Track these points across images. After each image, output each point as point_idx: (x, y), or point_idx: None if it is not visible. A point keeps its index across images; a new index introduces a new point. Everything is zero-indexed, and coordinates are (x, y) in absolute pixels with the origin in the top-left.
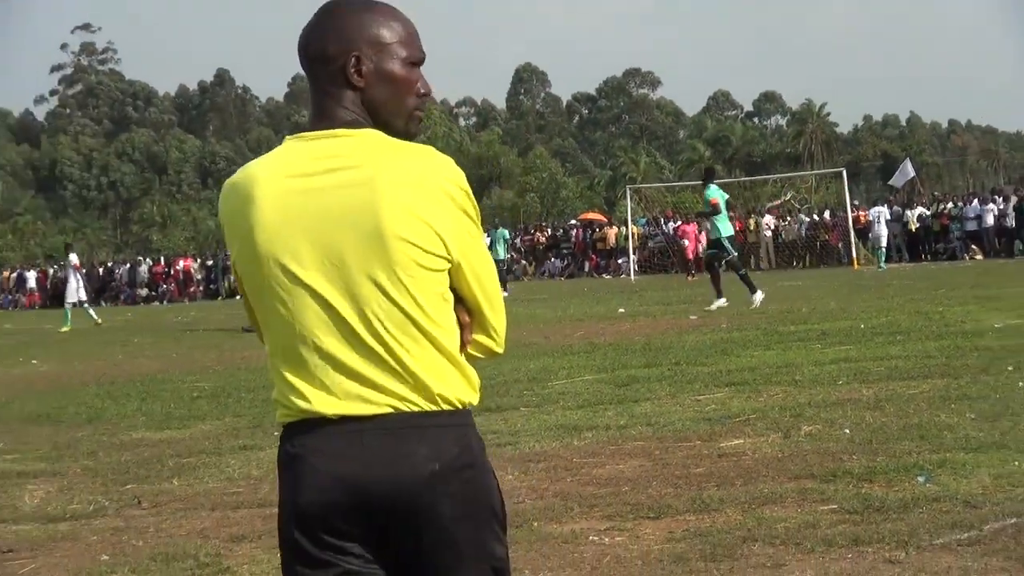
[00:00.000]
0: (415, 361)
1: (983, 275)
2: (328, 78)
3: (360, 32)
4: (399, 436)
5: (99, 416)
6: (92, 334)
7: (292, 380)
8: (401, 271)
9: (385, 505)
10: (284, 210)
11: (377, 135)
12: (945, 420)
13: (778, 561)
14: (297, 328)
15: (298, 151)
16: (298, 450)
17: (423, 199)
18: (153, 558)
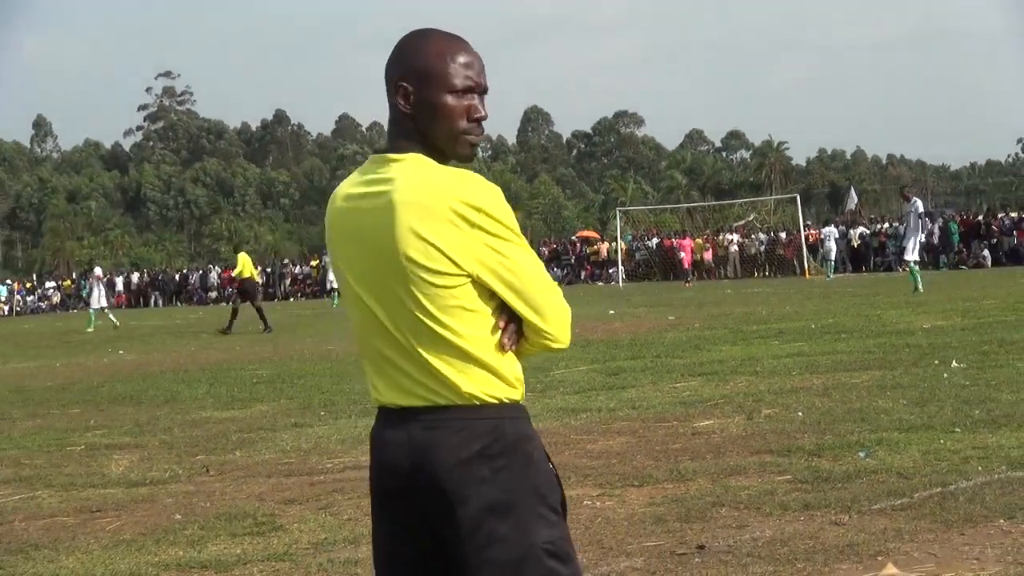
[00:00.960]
0: (442, 364)
1: None
2: (392, 104)
3: (410, 62)
4: (436, 428)
5: (174, 398)
6: (169, 330)
7: (368, 371)
8: (413, 287)
9: (427, 491)
10: (340, 226)
11: (418, 159)
12: (882, 405)
13: (742, 522)
14: (360, 327)
15: (362, 171)
16: (373, 435)
17: (426, 220)
18: (218, 517)
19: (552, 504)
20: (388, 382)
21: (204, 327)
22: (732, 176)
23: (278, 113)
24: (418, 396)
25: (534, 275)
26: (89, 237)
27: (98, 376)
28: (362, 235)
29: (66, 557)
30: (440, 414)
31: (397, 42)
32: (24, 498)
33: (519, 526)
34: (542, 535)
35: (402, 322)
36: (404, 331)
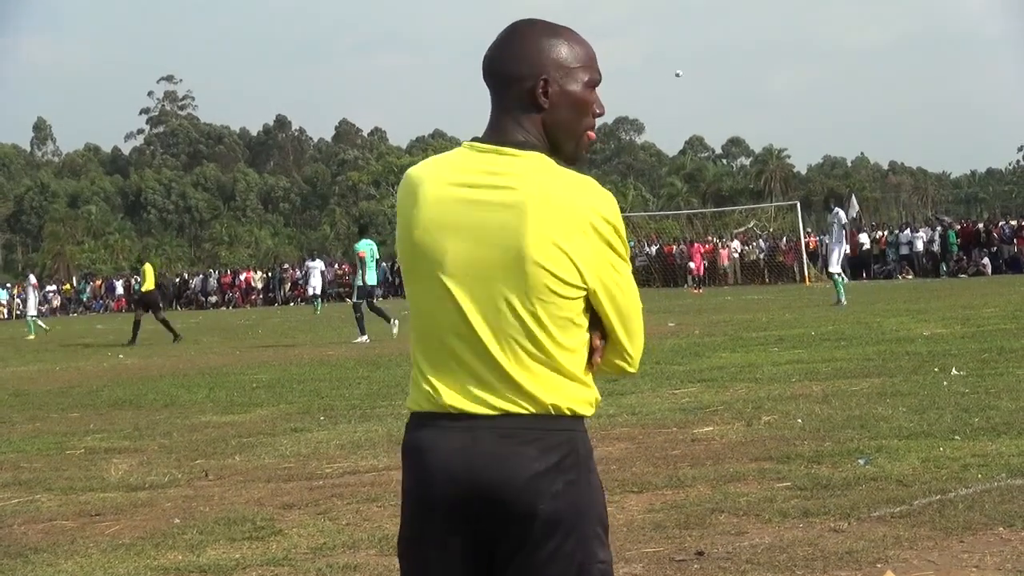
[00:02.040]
0: (531, 375)
1: (914, 292)
2: (513, 97)
3: (549, 55)
4: (508, 437)
5: (174, 402)
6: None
7: (425, 369)
8: (534, 295)
9: (490, 502)
10: (441, 213)
11: (542, 159)
12: (881, 412)
13: (741, 529)
14: (433, 324)
15: (467, 160)
16: (416, 441)
17: (565, 228)
18: (217, 522)
19: (606, 525)
20: (455, 385)
21: (204, 332)
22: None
23: (279, 118)
24: (488, 404)
25: (636, 298)
26: (89, 241)
27: (98, 380)
28: (478, 229)
29: (65, 561)
30: (515, 422)
31: (512, 32)
32: (23, 502)
33: (581, 544)
34: (599, 555)
35: (500, 325)
36: (498, 335)
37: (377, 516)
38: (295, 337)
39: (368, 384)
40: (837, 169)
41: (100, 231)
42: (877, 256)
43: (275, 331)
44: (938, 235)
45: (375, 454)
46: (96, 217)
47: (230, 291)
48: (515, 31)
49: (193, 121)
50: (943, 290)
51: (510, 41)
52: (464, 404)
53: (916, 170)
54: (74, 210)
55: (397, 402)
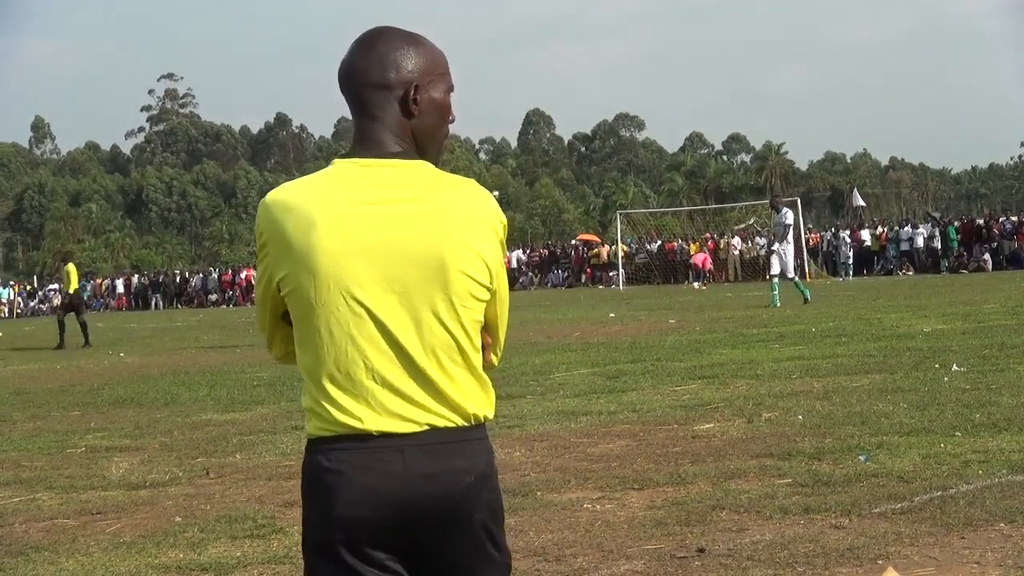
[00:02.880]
0: (455, 384)
1: (914, 288)
2: (383, 106)
3: (416, 63)
4: (437, 452)
5: (175, 400)
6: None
7: (336, 396)
8: (458, 301)
9: (427, 518)
10: (348, 235)
11: (427, 167)
12: (882, 409)
13: (742, 526)
14: (349, 347)
15: (356, 177)
16: (338, 465)
17: (478, 233)
18: (218, 520)
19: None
20: (375, 407)
21: (205, 330)
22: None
23: (280, 116)
24: (413, 421)
25: (507, 296)
26: (89, 240)
27: (98, 379)
28: (392, 245)
29: (66, 559)
30: (440, 436)
31: (374, 40)
32: (24, 500)
33: (501, 545)
34: (507, 549)
35: (427, 338)
36: (425, 348)
37: None
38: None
39: None
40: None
41: (101, 229)
42: (877, 252)
43: None
44: (938, 231)
45: None
46: (97, 215)
47: (231, 289)
48: (378, 39)
49: (193, 119)
50: (944, 286)
51: (375, 50)
52: (389, 425)
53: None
54: (75, 208)
55: None
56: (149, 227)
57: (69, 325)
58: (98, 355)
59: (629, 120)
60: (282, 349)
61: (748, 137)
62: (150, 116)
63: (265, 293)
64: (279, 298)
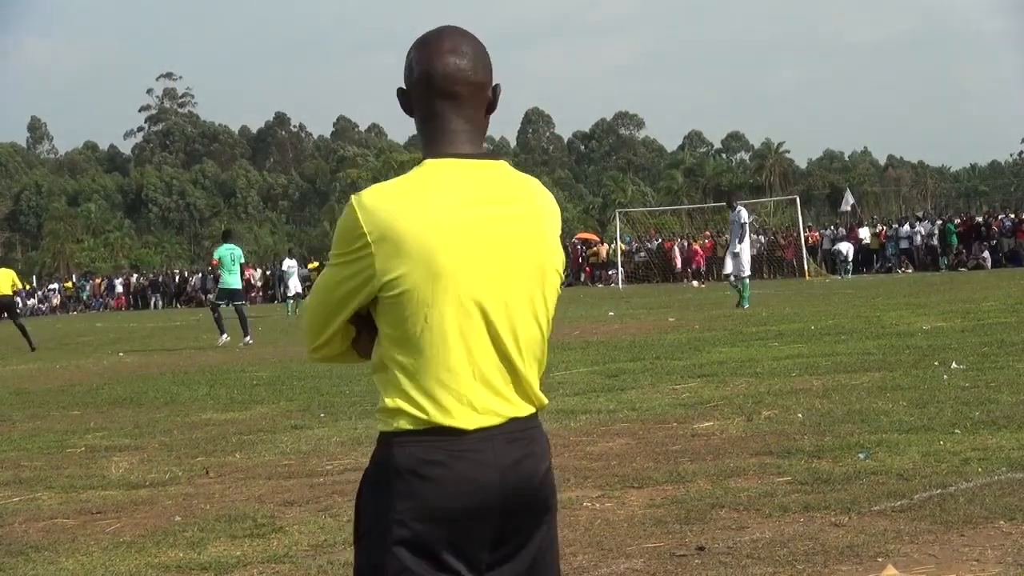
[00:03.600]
0: (532, 376)
1: (913, 286)
2: (476, 104)
3: (489, 63)
4: (518, 441)
5: (174, 400)
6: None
7: (439, 396)
8: (549, 298)
9: (515, 505)
10: (466, 235)
11: (507, 166)
12: (882, 406)
13: (741, 524)
14: (459, 347)
15: (459, 177)
16: (434, 455)
17: (556, 231)
18: (218, 519)
19: None
20: (476, 407)
21: (204, 329)
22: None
23: (278, 115)
24: (498, 413)
25: None
26: (88, 239)
27: (98, 378)
28: (502, 244)
29: (66, 559)
30: (518, 425)
31: (461, 36)
32: (24, 500)
33: (555, 526)
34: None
35: (522, 335)
36: (520, 345)
37: None
38: (295, 334)
39: (368, 381)
40: (836, 163)
41: (100, 229)
42: (876, 250)
43: (275, 328)
44: (937, 229)
45: None
46: (96, 215)
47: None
48: (466, 37)
49: (192, 119)
50: (943, 284)
51: (470, 48)
52: (482, 420)
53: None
54: (74, 208)
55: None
56: (148, 227)
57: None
58: (97, 354)
59: (628, 119)
60: (338, 348)
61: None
62: (149, 116)
63: (355, 293)
64: (369, 298)
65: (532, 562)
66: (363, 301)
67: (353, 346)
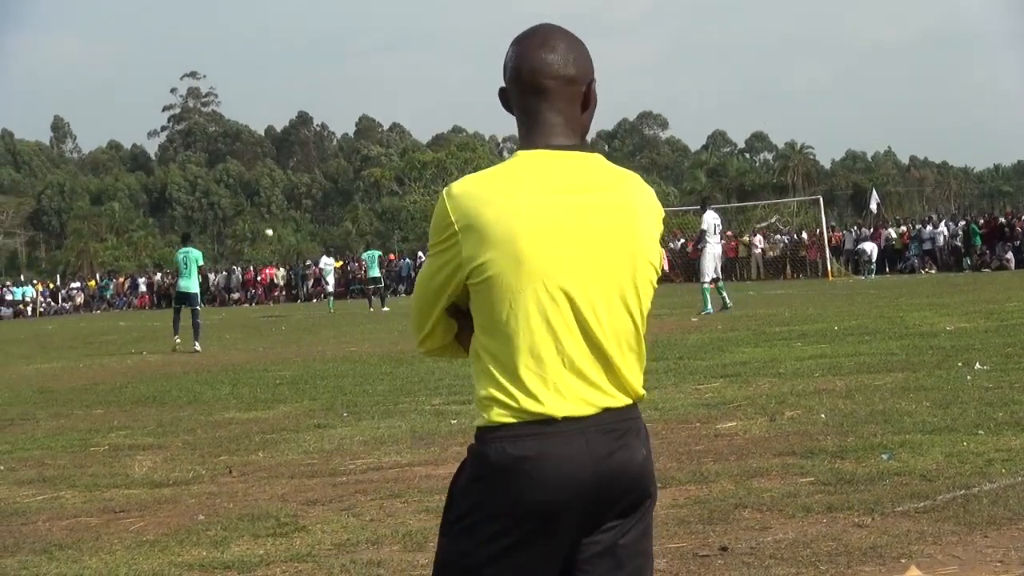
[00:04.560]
0: (628, 367)
1: (937, 286)
2: (568, 99)
3: (589, 59)
4: (613, 432)
5: (197, 399)
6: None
7: (529, 382)
8: (641, 289)
9: (610, 497)
10: (549, 223)
11: (602, 159)
12: (905, 407)
13: (764, 524)
14: (546, 333)
15: (548, 167)
16: (526, 450)
17: (655, 225)
18: (241, 518)
19: None
20: (564, 393)
21: (227, 328)
22: (755, 178)
23: (301, 114)
24: (592, 403)
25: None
26: (112, 238)
27: (121, 377)
28: (593, 232)
29: (89, 557)
30: (614, 416)
31: (559, 32)
32: (48, 498)
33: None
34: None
35: (613, 324)
36: (610, 334)
37: (401, 512)
38: (318, 333)
39: (391, 380)
40: (859, 163)
41: (123, 228)
42: (900, 251)
43: (298, 327)
44: (960, 230)
45: (398, 450)
46: (119, 214)
47: (252, 287)
48: (559, 36)
49: (216, 117)
50: (966, 284)
51: (562, 43)
52: (573, 409)
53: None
54: (97, 207)
55: (420, 398)
56: (172, 226)
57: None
58: (121, 353)
59: (652, 119)
60: (441, 340)
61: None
62: (172, 115)
63: (447, 281)
64: (461, 287)
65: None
66: (455, 290)
67: (458, 340)
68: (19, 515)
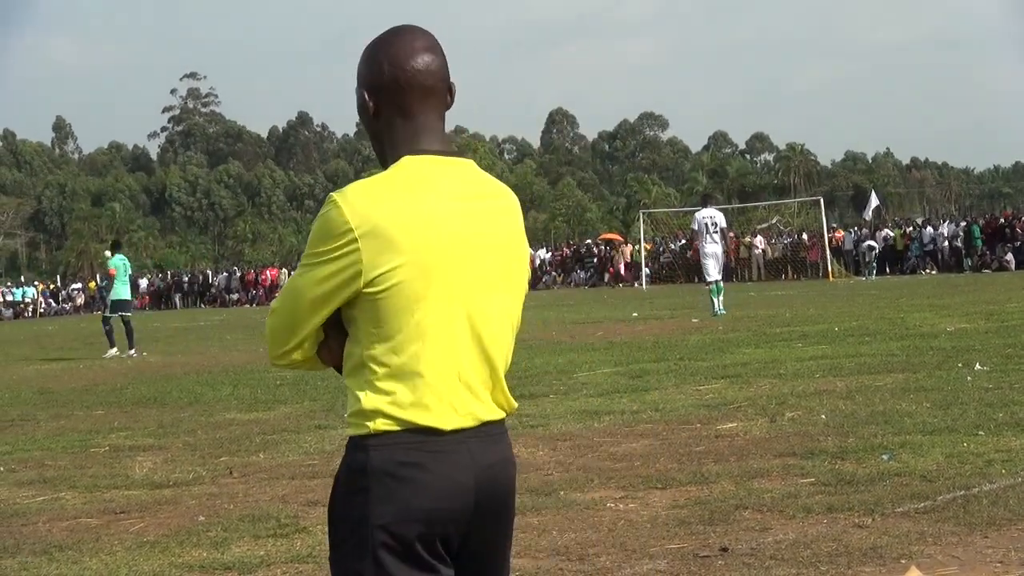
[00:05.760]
0: (504, 379)
1: (937, 287)
2: (444, 102)
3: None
4: (492, 442)
5: (198, 400)
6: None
7: (418, 393)
8: (520, 296)
9: (487, 506)
10: (453, 231)
11: (476, 165)
12: (905, 408)
13: (765, 525)
14: (445, 345)
15: (438, 174)
16: (414, 457)
17: (524, 233)
18: (242, 519)
19: None
20: (456, 407)
21: (228, 329)
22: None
23: (301, 115)
24: (474, 416)
25: None
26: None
27: (122, 378)
28: (486, 242)
29: (89, 558)
30: (492, 429)
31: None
32: (48, 499)
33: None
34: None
35: (499, 336)
36: (497, 347)
37: None
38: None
39: None
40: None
41: (124, 229)
42: (900, 252)
43: None
44: (961, 230)
45: None
46: (120, 215)
47: (253, 288)
48: (428, 38)
49: (216, 118)
50: (967, 285)
51: (434, 47)
52: (460, 422)
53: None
54: (98, 208)
55: None
56: (172, 226)
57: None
58: (121, 354)
59: (653, 119)
60: (308, 353)
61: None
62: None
63: (337, 290)
64: (348, 296)
65: (491, 562)
66: (345, 299)
67: (317, 352)
68: (19, 516)
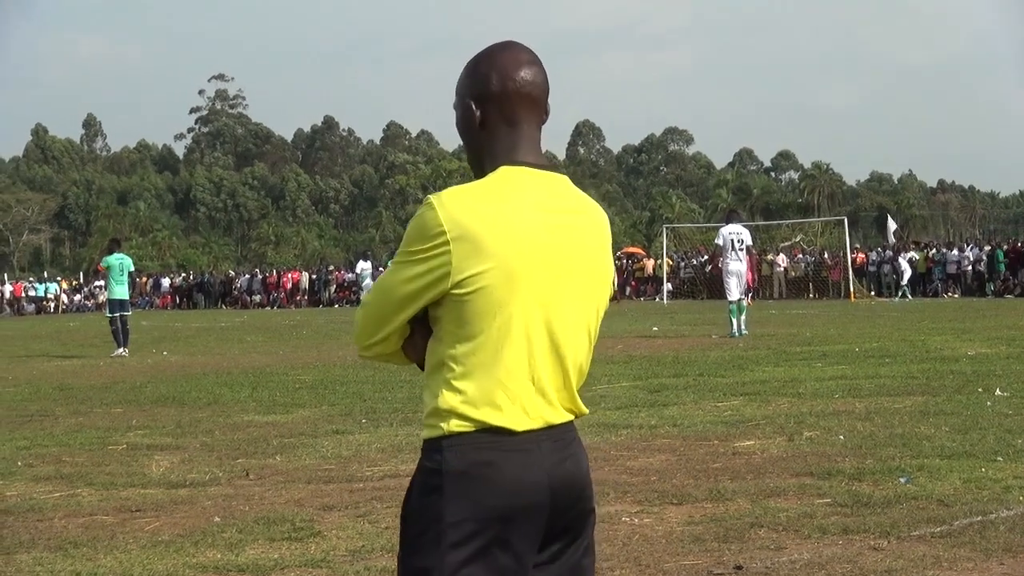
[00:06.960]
0: (576, 382)
1: (959, 311)
2: (540, 117)
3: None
4: (565, 442)
5: (217, 401)
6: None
7: (494, 394)
8: (601, 311)
9: (563, 504)
10: (539, 241)
11: (570, 181)
12: (924, 431)
13: (780, 544)
14: (523, 349)
15: (532, 185)
16: (487, 456)
17: (610, 249)
18: (257, 521)
19: None
20: (528, 410)
21: (249, 331)
22: (780, 197)
23: (327, 119)
24: (544, 419)
25: None
26: (136, 237)
27: (141, 376)
28: (571, 254)
29: (104, 556)
30: (562, 431)
31: (531, 54)
32: (64, 496)
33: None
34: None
35: (576, 345)
36: (573, 355)
37: None
38: (339, 339)
39: (411, 388)
40: (885, 185)
41: (148, 228)
42: (924, 274)
43: (319, 332)
44: (985, 255)
45: (416, 458)
46: (144, 214)
47: (275, 291)
48: (532, 52)
49: (243, 120)
50: (989, 309)
51: (537, 61)
52: (530, 424)
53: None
54: (122, 207)
55: None
56: (196, 227)
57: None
58: (141, 353)
59: (678, 134)
60: (393, 347)
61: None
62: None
63: (424, 290)
64: (436, 296)
65: (576, 563)
66: (432, 298)
67: (402, 347)
68: (35, 511)
